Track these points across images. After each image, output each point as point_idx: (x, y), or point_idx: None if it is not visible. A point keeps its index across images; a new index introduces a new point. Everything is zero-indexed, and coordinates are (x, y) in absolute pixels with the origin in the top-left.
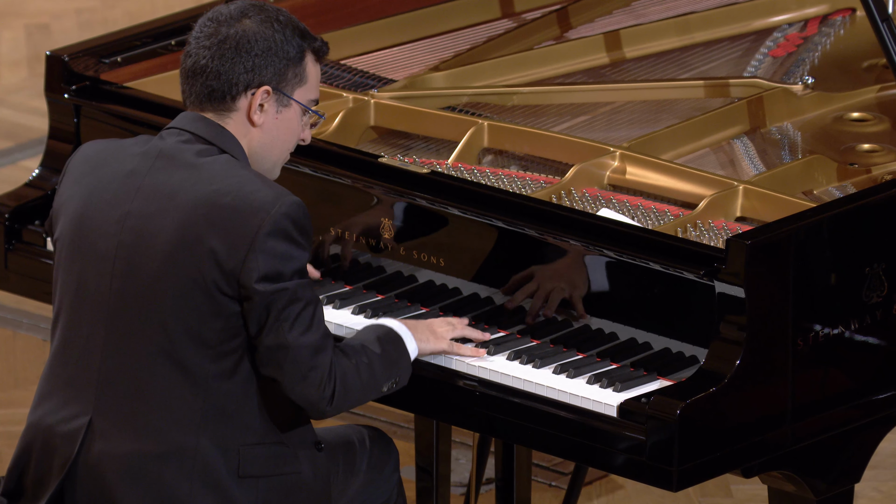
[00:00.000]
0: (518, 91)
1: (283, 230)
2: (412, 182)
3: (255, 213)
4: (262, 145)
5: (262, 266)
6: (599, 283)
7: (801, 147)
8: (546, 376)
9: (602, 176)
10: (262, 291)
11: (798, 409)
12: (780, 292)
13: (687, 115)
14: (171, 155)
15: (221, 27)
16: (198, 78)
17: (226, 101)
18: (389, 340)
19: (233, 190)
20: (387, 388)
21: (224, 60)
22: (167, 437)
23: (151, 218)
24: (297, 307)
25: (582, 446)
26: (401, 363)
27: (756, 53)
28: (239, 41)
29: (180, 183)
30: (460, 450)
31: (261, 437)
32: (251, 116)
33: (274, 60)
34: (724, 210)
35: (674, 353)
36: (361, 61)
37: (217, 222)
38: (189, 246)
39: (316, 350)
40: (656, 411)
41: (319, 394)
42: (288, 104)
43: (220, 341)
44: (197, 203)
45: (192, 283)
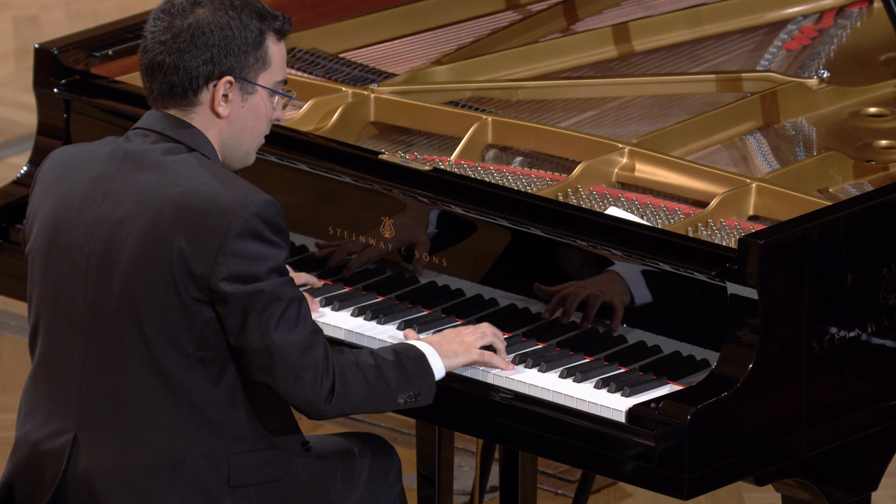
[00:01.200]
0: (523, 85)
1: (252, 231)
2: (413, 180)
3: (223, 215)
4: (231, 136)
5: (232, 268)
6: (606, 284)
7: (816, 143)
8: (552, 380)
9: (610, 173)
10: (236, 294)
11: (813, 415)
12: (794, 294)
13: (698, 110)
14: (137, 157)
15: (175, 19)
16: (157, 74)
17: (188, 95)
18: (408, 354)
19: (200, 191)
20: (404, 399)
21: (181, 54)
22: (154, 450)
23: (119, 224)
24: (278, 307)
25: (589, 453)
26: (422, 379)
27: (770, 46)
28: (194, 33)
29: (147, 186)
30: (463, 457)
31: (251, 444)
32: (215, 109)
33: (233, 48)
34: (737, 208)
35: (684, 356)
36: (361, 55)
37: (185, 225)
38: (158, 251)
39: (305, 348)
40: (666, 417)
41: (315, 392)
42: (253, 91)
43: (197, 348)
44: (164, 206)
45: (164, 288)
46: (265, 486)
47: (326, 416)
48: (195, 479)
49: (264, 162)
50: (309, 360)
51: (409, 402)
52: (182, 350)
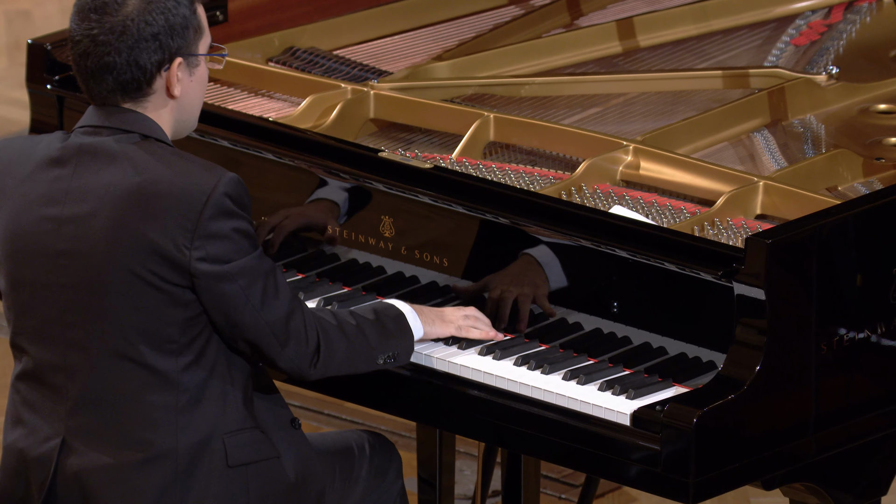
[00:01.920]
0: (526, 82)
1: (224, 210)
2: (414, 178)
3: (193, 198)
4: (183, 111)
5: (209, 250)
6: (611, 284)
7: (824, 141)
8: (555, 383)
9: (614, 171)
10: (216, 273)
11: (822, 418)
12: (802, 294)
13: (704, 106)
14: (92, 151)
15: (108, 17)
16: (106, 76)
17: (142, 88)
18: (387, 313)
19: (163, 177)
20: (383, 360)
21: (131, 51)
22: (146, 443)
23: (86, 221)
24: (259, 282)
25: (593, 456)
26: (401, 338)
27: (777, 42)
28: (138, 27)
29: (107, 179)
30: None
31: (242, 422)
32: (171, 92)
33: (176, 29)
34: (744, 207)
35: (690, 358)
36: (360, 51)
37: (153, 214)
38: (129, 243)
39: (288, 317)
40: (671, 420)
41: (300, 358)
42: (197, 62)
43: (181, 334)
44: (128, 197)
45: (139, 280)
46: (260, 465)
47: (311, 378)
48: (191, 465)
49: (261, 160)
50: (293, 329)
51: (388, 363)
52: (164, 340)
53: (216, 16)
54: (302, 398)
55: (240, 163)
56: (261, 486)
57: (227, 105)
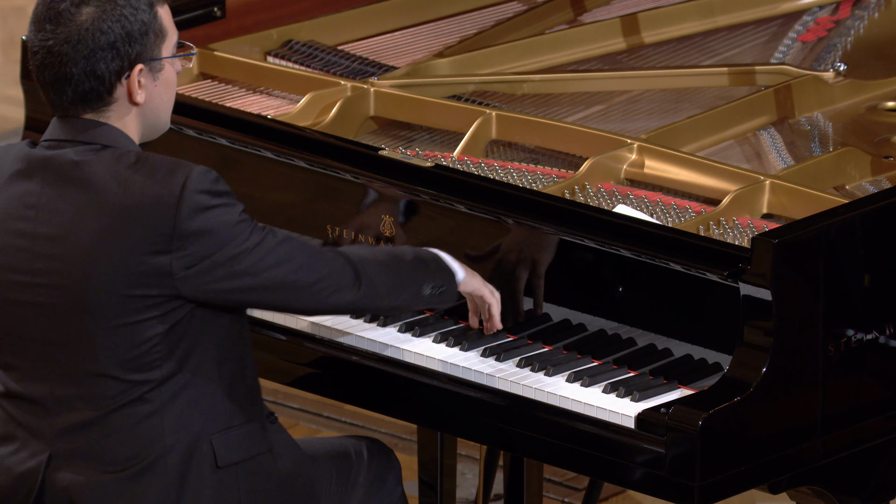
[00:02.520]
0: (528, 79)
1: (200, 205)
2: (415, 176)
3: (164, 204)
4: (150, 115)
5: (195, 249)
6: (615, 285)
7: (832, 139)
8: (559, 384)
9: (618, 170)
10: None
11: (829, 420)
12: (809, 295)
13: (710, 104)
14: (56, 167)
15: (63, 27)
16: (66, 87)
17: (103, 98)
18: (425, 253)
19: (131, 187)
20: (429, 289)
21: (87, 61)
22: (134, 457)
23: (59, 242)
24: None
25: (597, 460)
26: (441, 270)
27: (784, 38)
28: (94, 35)
29: (74, 199)
30: (466, 463)
31: (228, 420)
32: (134, 100)
33: (135, 35)
34: (750, 206)
35: (695, 360)
36: (360, 47)
37: (125, 230)
38: (104, 265)
39: (307, 265)
40: (677, 422)
41: (343, 291)
42: (161, 66)
43: (165, 344)
44: (98, 216)
45: (118, 299)
46: (249, 463)
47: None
48: (182, 471)
49: (259, 158)
50: (322, 271)
51: (436, 293)
52: (147, 354)
53: (213, 12)
54: (301, 400)
55: (238, 161)
56: (252, 483)
57: (224, 102)
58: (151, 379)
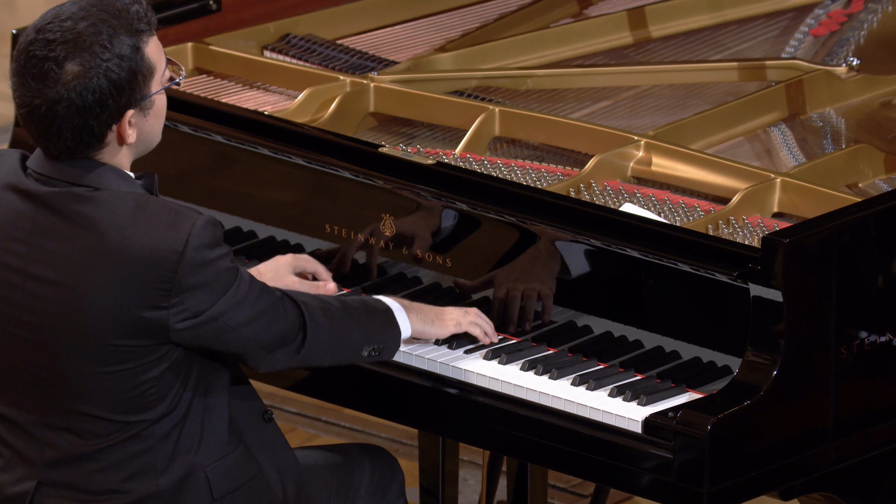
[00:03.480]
0: (533, 74)
1: (201, 261)
2: (416, 174)
3: (166, 259)
4: (141, 145)
5: (191, 304)
6: (622, 286)
7: (844, 135)
8: (564, 388)
9: (625, 167)
10: (200, 322)
11: (841, 425)
12: (821, 296)
13: (719, 100)
14: (51, 207)
15: (47, 87)
16: (53, 139)
17: (93, 147)
18: (376, 305)
19: (132, 240)
20: (367, 352)
21: (77, 119)
22: (127, 492)
23: (51, 287)
24: (242, 308)
25: (603, 465)
26: (388, 331)
27: (795, 32)
28: (81, 96)
29: (70, 247)
30: (469, 469)
31: (222, 449)
32: (126, 141)
33: (123, 86)
34: (760, 205)
35: (704, 362)
36: (360, 41)
37: (123, 280)
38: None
39: (271, 323)
40: (685, 427)
41: (286, 354)
42: (152, 103)
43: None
44: (96, 264)
45: (110, 349)
46: (246, 488)
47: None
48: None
49: (256, 155)
50: (279, 332)
51: (373, 355)
52: (137, 399)
53: (209, 5)
54: (299, 405)
55: (234, 159)
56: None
57: (220, 98)
58: (143, 420)
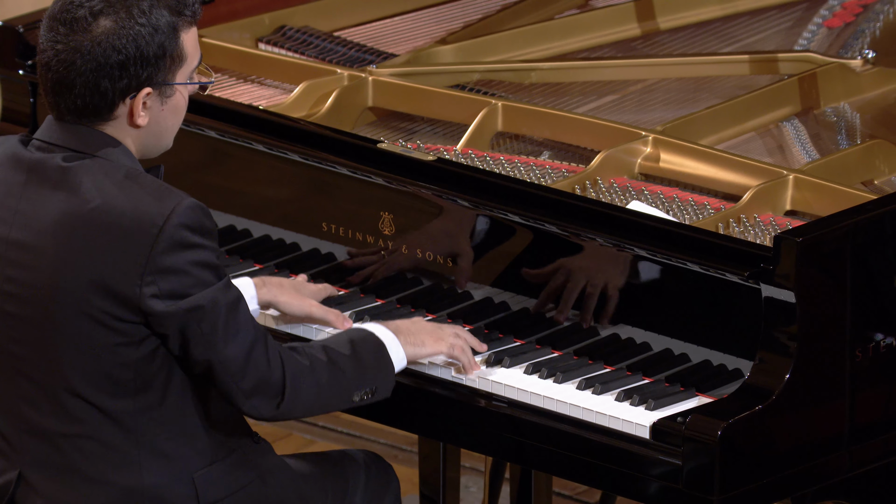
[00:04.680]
0: (537, 67)
1: (179, 242)
2: (416, 171)
3: (144, 230)
4: (150, 138)
5: (162, 286)
6: (630, 286)
7: (860, 131)
8: (569, 392)
9: (632, 164)
10: (171, 311)
11: (857, 431)
12: (835, 296)
13: (729, 94)
14: (42, 172)
15: (76, 34)
16: (65, 93)
17: (101, 114)
18: (366, 345)
19: (114, 206)
20: (359, 397)
21: (92, 75)
22: (108, 485)
23: (32, 252)
24: (218, 317)
25: (609, 472)
26: (380, 371)
27: (809, 24)
28: (104, 52)
29: (54, 209)
30: (470, 476)
31: (211, 455)
32: (135, 122)
33: (148, 58)
34: (772, 203)
35: (714, 365)
36: (358, 33)
37: (102, 247)
38: (75, 281)
39: (248, 356)
40: (694, 432)
41: (260, 399)
42: (172, 91)
43: (138, 373)
44: (74, 230)
45: (88, 320)
46: (236, 496)
47: (275, 420)
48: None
49: (251, 151)
50: (252, 369)
51: (366, 399)
52: (118, 381)
53: None
54: None
55: (228, 155)
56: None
57: (214, 92)
58: (123, 410)
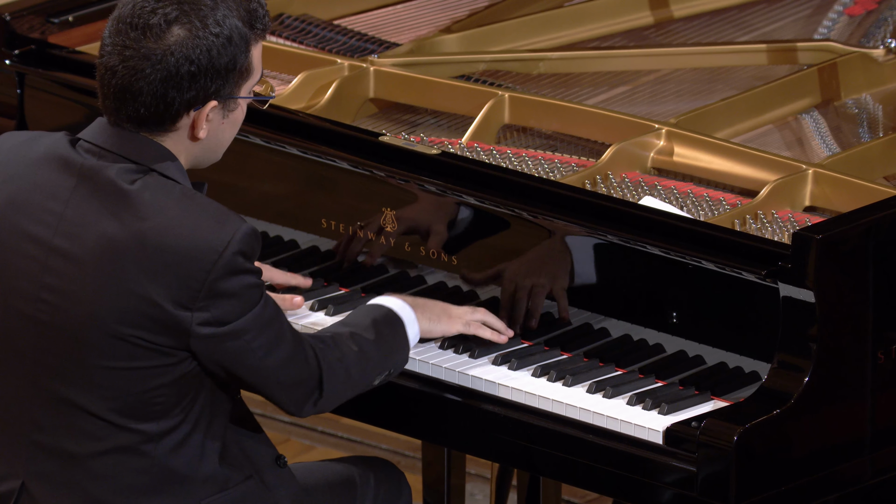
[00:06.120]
0: (545, 57)
1: (234, 268)
2: (419, 165)
3: (203, 257)
4: (206, 152)
5: (216, 313)
6: (642, 285)
7: (882, 123)
8: (579, 396)
9: (645, 158)
10: (221, 335)
11: (878, 436)
12: (856, 296)
13: (746, 85)
14: (93, 179)
15: (147, 40)
16: (128, 101)
17: (164, 125)
18: (387, 325)
19: (170, 227)
20: (378, 381)
21: (161, 85)
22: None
23: (75, 263)
24: (263, 334)
25: (621, 479)
26: (400, 351)
27: (829, 11)
28: (177, 62)
29: (104, 225)
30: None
31: (223, 482)
32: (196, 134)
33: (219, 71)
34: (791, 198)
35: (730, 368)
36: (359, 21)
37: (154, 269)
38: (118, 302)
39: (289, 362)
40: (709, 438)
41: (302, 400)
42: (236, 106)
43: (168, 396)
44: (126, 247)
45: (125, 345)
46: None
47: (309, 415)
48: None
49: (247, 144)
50: (297, 374)
51: (383, 381)
52: (146, 405)
53: None
54: None
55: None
56: None
57: None
58: (148, 431)
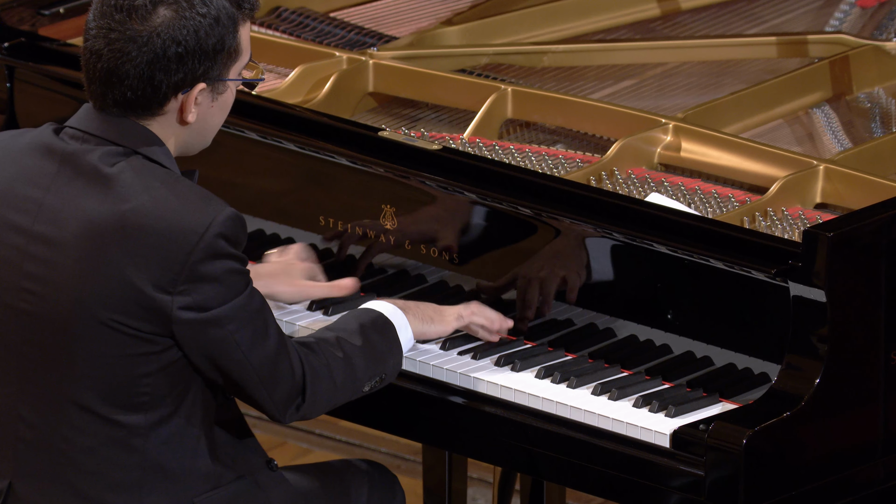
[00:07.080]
0: (549, 50)
1: (217, 252)
2: (419, 160)
3: (184, 238)
4: (196, 134)
5: (197, 297)
6: (648, 284)
7: (895, 118)
8: (584, 398)
9: (652, 153)
10: (203, 321)
11: (891, 439)
12: (869, 295)
13: (755, 79)
14: (75, 164)
15: (133, 22)
16: (114, 85)
17: (151, 108)
18: (377, 330)
19: (151, 209)
20: (369, 387)
21: (148, 67)
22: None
23: (57, 248)
24: (247, 326)
25: (626, 483)
26: (391, 356)
27: (840, 3)
28: (164, 43)
29: (86, 205)
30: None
31: (215, 480)
32: (184, 117)
33: (207, 52)
34: (801, 195)
35: (739, 369)
36: (357, 13)
37: (135, 251)
38: (100, 285)
39: (275, 360)
40: (718, 441)
41: (285, 403)
42: (224, 88)
43: (155, 386)
44: (107, 229)
45: (109, 331)
46: None
47: (291, 421)
48: None
49: (243, 140)
50: (280, 373)
51: (374, 388)
52: (133, 394)
53: None
54: None
55: (218, 143)
56: None
57: None
58: (136, 424)
